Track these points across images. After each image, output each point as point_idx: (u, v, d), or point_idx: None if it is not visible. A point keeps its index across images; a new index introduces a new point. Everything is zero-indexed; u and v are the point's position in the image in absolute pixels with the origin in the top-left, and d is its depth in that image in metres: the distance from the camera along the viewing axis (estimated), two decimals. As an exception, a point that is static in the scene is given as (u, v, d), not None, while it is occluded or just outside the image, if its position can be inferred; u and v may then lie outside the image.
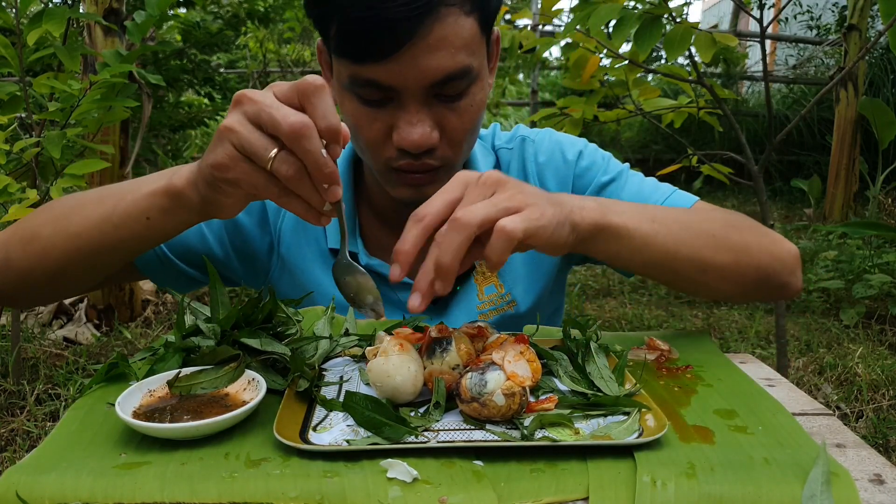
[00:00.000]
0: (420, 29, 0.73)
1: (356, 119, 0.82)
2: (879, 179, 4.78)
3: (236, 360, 0.68)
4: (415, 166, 0.83)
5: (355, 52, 0.76)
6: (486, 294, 1.00)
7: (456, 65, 0.77)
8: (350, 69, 0.78)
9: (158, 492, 0.51)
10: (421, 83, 0.77)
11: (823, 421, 0.66)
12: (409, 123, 0.79)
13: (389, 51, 0.74)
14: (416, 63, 0.75)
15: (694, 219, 0.83)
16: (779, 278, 0.87)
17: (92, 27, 2.69)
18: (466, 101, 0.81)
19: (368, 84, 0.78)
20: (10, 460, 1.85)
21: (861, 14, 4.48)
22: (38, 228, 0.81)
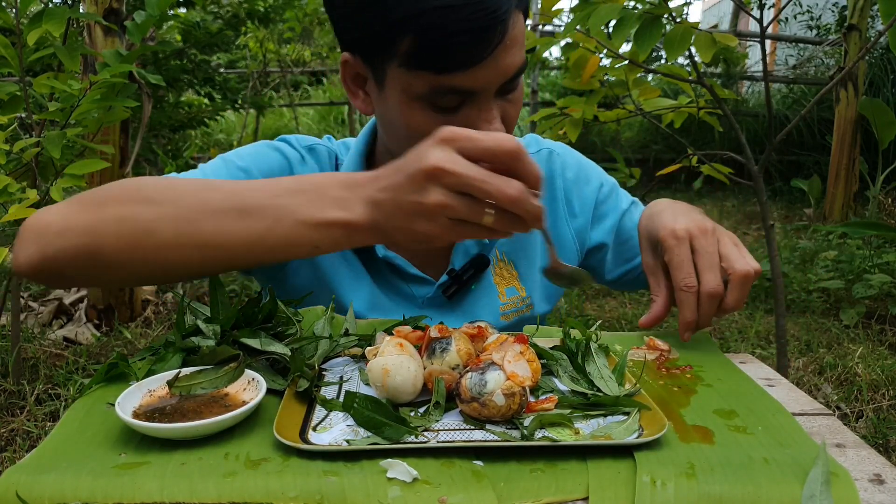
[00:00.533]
0: (505, 32, 0.75)
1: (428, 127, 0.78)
2: (879, 179, 4.78)
3: (236, 360, 0.68)
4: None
5: (441, 64, 0.75)
6: (508, 296, 1.02)
7: (522, 59, 0.81)
8: (430, 80, 0.77)
9: (158, 492, 0.51)
10: (499, 82, 0.79)
11: (823, 421, 0.66)
12: (488, 122, 0.81)
13: (479, 57, 0.75)
14: (498, 64, 0.77)
15: None
16: None
17: (92, 27, 2.69)
18: (518, 91, 0.85)
19: (450, 91, 0.78)
20: (10, 460, 1.85)
21: (861, 14, 4.48)
22: (153, 224, 0.69)
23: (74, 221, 0.71)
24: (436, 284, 0.99)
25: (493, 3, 0.72)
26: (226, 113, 7.10)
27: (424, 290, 0.99)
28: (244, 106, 6.22)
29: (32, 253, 0.72)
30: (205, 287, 3.58)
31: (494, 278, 1.01)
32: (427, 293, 0.99)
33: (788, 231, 4.90)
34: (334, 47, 6.92)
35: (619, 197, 1.09)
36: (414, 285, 0.99)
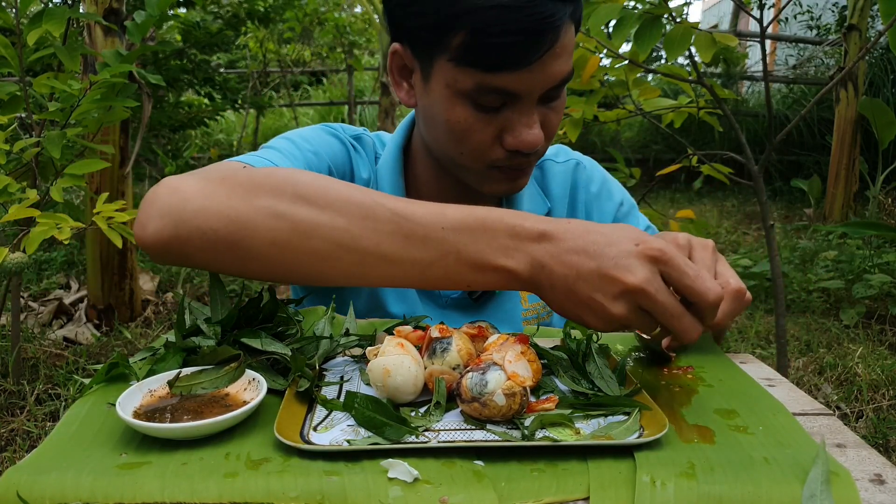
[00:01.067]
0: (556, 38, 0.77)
1: (467, 125, 0.82)
2: (879, 179, 4.78)
3: (237, 360, 0.68)
4: (522, 164, 0.87)
5: (490, 63, 0.76)
6: (531, 302, 1.02)
7: (569, 68, 0.82)
8: (477, 78, 0.78)
9: (159, 492, 0.51)
10: (543, 88, 0.80)
11: (823, 421, 0.66)
12: (528, 126, 0.82)
13: (528, 60, 0.76)
14: (545, 69, 0.78)
15: None
16: None
17: (92, 27, 2.69)
18: (561, 100, 0.86)
19: (495, 91, 0.79)
20: (10, 460, 1.85)
21: (861, 14, 4.48)
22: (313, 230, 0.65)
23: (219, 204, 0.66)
24: None
25: (548, 9, 0.74)
26: (226, 113, 7.10)
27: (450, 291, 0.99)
28: (244, 106, 6.22)
29: (163, 227, 0.66)
30: (205, 287, 3.58)
31: None
32: (452, 293, 0.99)
33: (788, 231, 4.90)
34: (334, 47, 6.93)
35: (635, 218, 1.09)
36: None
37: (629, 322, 0.61)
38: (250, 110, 6.78)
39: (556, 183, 1.06)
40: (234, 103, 5.86)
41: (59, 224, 1.43)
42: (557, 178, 1.06)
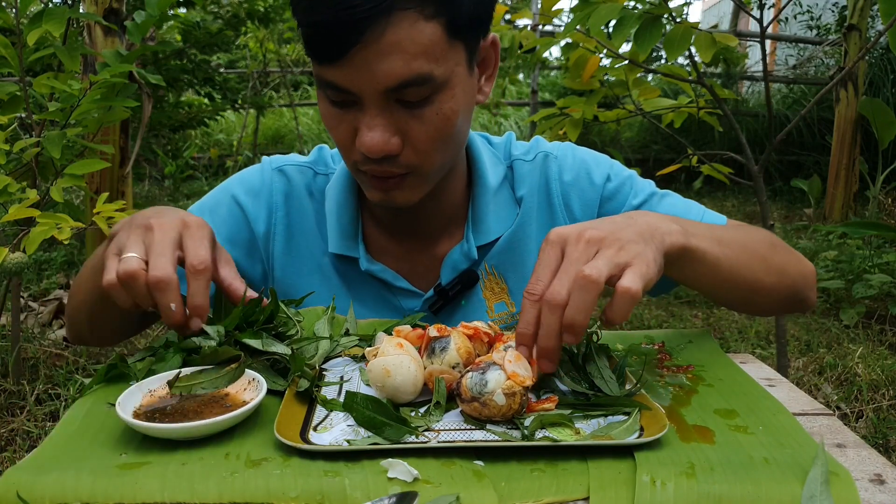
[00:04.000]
0: (369, 32, 0.72)
1: (327, 118, 0.83)
2: (879, 179, 4.78)
3: (237, 360, 0.68)
4: (377, 171, 0.82)
5: (314, 53, 0.77)
6: (497, 312, 0.99)
7: (412, 71, 0.74)
8: (316, 69, 0.79)
9: (159, 492, 0.51)
10: (375, 88, 0.75)
11: (823, 421, 0.66)
12: (367, 127, 0.78)
13: (340, 53, 0.74)
14: (369, 67, 0.74)
15: (746, 240, 0.86)
16: (803, 294, 0.92)
17: (92, 27, 2.69)
18: (432, 109, 0.78)
19: (330, 85, 0.78)
20: (10, 460, 1.85)
21: (861, 14, 4.48)
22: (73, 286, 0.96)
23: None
24: (423, 298, 0.97)
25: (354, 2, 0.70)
26: (226, 113, 7.10)
27: (413, 302, 0.97)
28: (244, 106, 6.22)
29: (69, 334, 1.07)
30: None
31: (484, 293, 0.98)
32: (416, 306, 0.97)
33: (788, 231, 4.90)
34: (334, 47, 6.91)
35: (632, 190, 0.99)
36: (402, 298, 0.97)
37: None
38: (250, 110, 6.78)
39: (526, 183, 1.00)
40: (234, 103, 5.86)
41: (59, 224, 1.43)
42: (527, 178, 1.00)
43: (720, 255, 0.78)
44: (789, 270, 0.89)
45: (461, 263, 0.96)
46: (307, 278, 0.99)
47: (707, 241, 0.77)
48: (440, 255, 0.97)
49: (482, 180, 0.97)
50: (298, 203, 1.00)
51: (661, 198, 1.00)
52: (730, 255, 0.80)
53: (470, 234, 0.96)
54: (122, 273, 0.69)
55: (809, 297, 0.94)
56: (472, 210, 0.97)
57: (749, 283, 0.83)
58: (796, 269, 0.91)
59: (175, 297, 0.69)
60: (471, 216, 0.97)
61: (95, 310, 0.90)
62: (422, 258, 0.98)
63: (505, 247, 0.98)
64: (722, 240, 0.80)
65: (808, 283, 0.93)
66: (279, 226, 0.99)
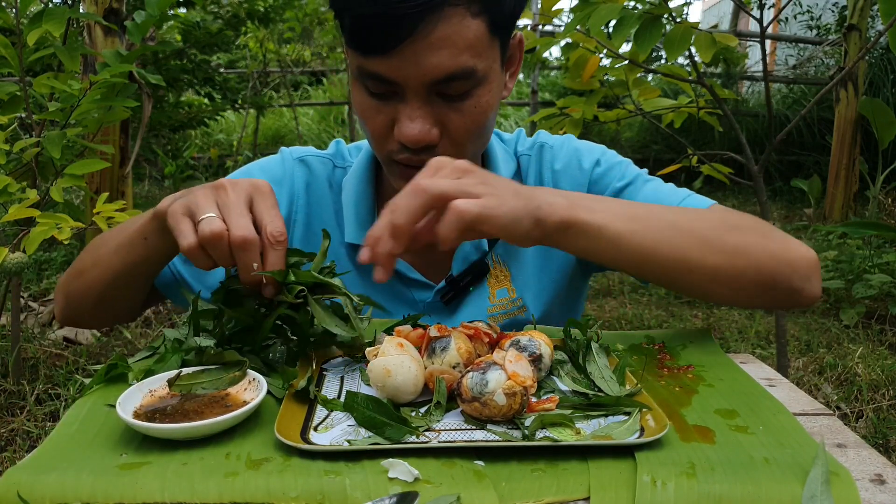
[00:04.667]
0: (421, 27, 0.74)
1: (363, 108, 0.85)
2: (879, 179, 4.78)
3: (239, 365, 0.68)
4: (413, 161, 0.84)
5: (361, 45, 0.78)
6: (498, 297, 1.00)
7: (458, 65, 0.78)
8: (358, 60, 0.80)
9: (159, 492, 0.51)
10: (421, 80, 0.78)
11: (824, 421, 0.66)
12: (409, 118, 0.80)
13: (390, 46, 0.75)
14: (418, 60, 0.76)
15: (685, 218, 0.81)
16: (788, 283, 0.83)
17: (92, 27, 2.69)
18: (471, 103, 0.82)
19: (373, 76, 0.80)
20: (10, 460, 1.85)
21: (861, 14, 4.48)
22: (82, 264, 0.92)
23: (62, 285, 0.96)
24: (435, 289, 0.99)
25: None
26: (226, 113, 7.10)
27: (425, 294, 0.99)
28: (244, 106, 6.22)
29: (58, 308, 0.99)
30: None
31: (489, 280, 1.00)
32: (427, 298, 0.99)
33: (788, 231, 4.89)
34: (334, 47, 6.93)
35: (618, 174, 1.00)
36: (415, 289, 0.99)
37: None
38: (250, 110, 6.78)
39: (528, 175, 1.04)
40: (234, 103, 5.86)
41: (59, 224, 1.43)
42: (531, 170, 1.04)
43: (625, 231, 0.75)
44: (753, 253, 0.81)
45: (472, 255, 0.99)
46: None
47: (609, 217, 0.74)
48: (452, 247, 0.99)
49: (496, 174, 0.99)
50: (319, 193, 1.02)
51: (645, 182, 0.99)
52: (643, 231, 0.76)
53: None
54: (207, 234, 0.68)
55: (802, 287, 0.84)
56: None
57: (675, 261, 0.78)
58: (771, 253, 0.82)
59: (256, 257, 0.69)
60: None
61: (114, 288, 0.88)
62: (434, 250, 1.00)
63: None
64: (637, 216, 0.77)
65: (797, 271, 0.83)
66: (299, 214, 1.01)
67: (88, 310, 0.93)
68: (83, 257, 0.93)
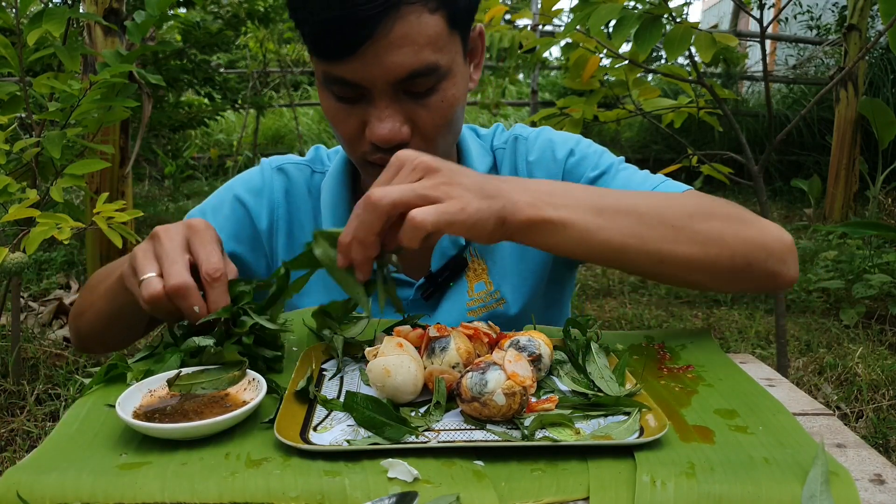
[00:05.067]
0: (380, 27, 0.75)
1: (332, 115, 0.86)
2: (879, 179, 4.78)
3: (238, 365, 0.68)
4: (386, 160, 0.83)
5: (323, 51, 0.79)
6: (476, 291, 1.00)
7: (420, 62, 0.78)
8: (322, 67, 0.81)
9: (159, 492, 0.51)
10: (386, 79, 0.79)
11: (823, 421, 0.66)
12: (379, 119, 0.81)
13: (351, 49, 0.76)
14: (380, 60, 0.77)
15: (655, 207, 0.79)
16: (764, 267, 0.83)
17: (92, 27, 2.69)
18: (437, 98, 0.83)
19: (338, 81, 0.81)
20: (10, 460, 1.85)
21: (861, 14, 4.48)
22: (81, 304, 0.97)
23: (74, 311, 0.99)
24: (415, 286, 0.99)
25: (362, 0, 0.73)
26: (226, 113, 7.10)
27: (405, 292, 0.99)
28: (244, 106, 6.22)
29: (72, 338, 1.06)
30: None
31: (468, 274, 1.01)
32: (408, 296, 0.99)
33: (789, 231, 4.90)
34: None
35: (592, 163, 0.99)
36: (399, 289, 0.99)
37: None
38: (250, 110, 6.78)
39: (504, 168, 1.04)
40: (234, 103, 5.86)
41: (59, 224, 1.43)
42: (506, 163, 1.04)
43: (591, 226, 0.74)
44: (726, 239, 0.80)
45: (450, 250, 0.99)
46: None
47: (577, 212, 0.73)
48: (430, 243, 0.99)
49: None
50: (298, 200, 1.04)
51: (619, 171, 0.99)
52: (610, 226, 0.75)
53: None
54: (147, 297, 0.70)
55: (779, 271, 0.84)
56: None
57: (645, 253, 0.77)
58: (745, 238, 0.82)
59: (196, 300, 0.70)
60: None
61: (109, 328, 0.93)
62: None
63: None
64: (604, 210, 0.76)
65: (773, 253, 0.83)
66: (280, 221, 1.03)
67: (95, 342, 0.98)
68: (82, 296, 0.98)
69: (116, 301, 0.87)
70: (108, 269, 0.95)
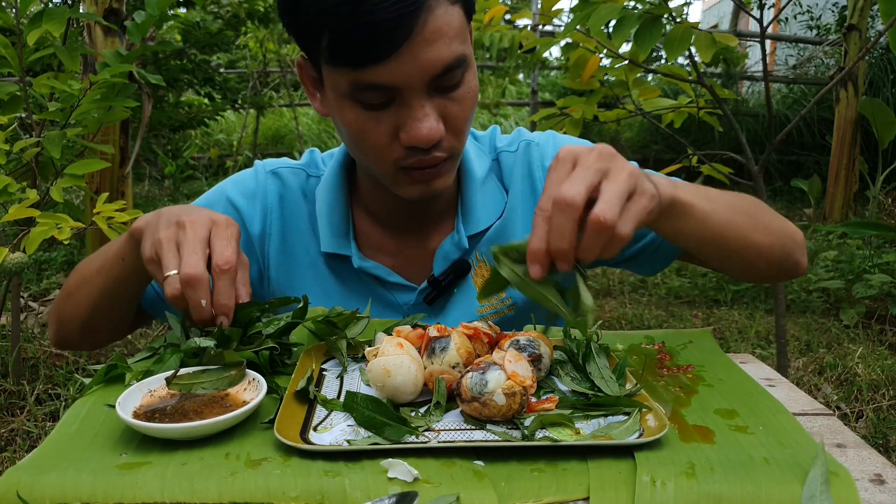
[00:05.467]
0: (415, 24, 0.74)
1: (359, 126, 0.82)
2: (879, 179, 4.77)
3: (238, 365, 0.68)
4: (425, 161, 0.83)
5: (354, 58, 0.76)
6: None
7: (452, 54, 0.78)
8: (349, 76, 0.77)
9: (159, 492, 0.51)
10: (423, 78, 0.77)
11: (823, 421, 0.66)
12: (417, 119, 0.79)
13: (389, 51, 0.74)
14: (416, 58, 0.75)
15: (732, 199, 0.86)
16: (793, 257, 0.92)
17: (92, 27, 2.69)
18: (463, 89, 0.82)
19: (371, 88, 0.77)
20: (10, 460, 1.85)
21: (861, 14, 4.48)
22: (69, 285, 0.94)
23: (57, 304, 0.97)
24: (417, 290, 0.98)
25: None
26: (226, 113, 7.10)
27: (407, 297, 0.98)
28: (244, 106, 6.22)
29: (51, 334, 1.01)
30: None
31: (475, 280, 0.99)
32: (410, 300, 0.98)
33: (788, 231, 4.89)
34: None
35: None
36: (396, 293, 0.98)
37: None
38: (250, 110, 6.78)
39: (513, 172, 1.03)
40: (234, 103, 5.86)
41: (59, 224, 1.43)
42: (513, 168, 1.03)
43: (708, 210, 0.78)
44: (777, 231, 0.89)
45: (453, 254, 0.98)
46: (301, 278, 0.99)
47: (695, 196, 0.77)
48: (432, 247, 0.99)
49: (469, 173, 0.99)
50: (293, 205, 1.02)
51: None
52: (718, 211, 0.80)
53: (460, 225, 0.98)
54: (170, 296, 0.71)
55: (801, 261, 0.94)
56: (462, 202, 0.99)
57: (739, 240, 0.83)
58: (784, 230, 0.91)
59: (205, 294, 0.71)
60: (460, 208, 0.99)
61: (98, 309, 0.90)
62: (415, 252, 1.00)
63: (494, 235, 1.00)
64: (709, 196, 0.81)
65: (798, 245, 0.94)
66: (274, 226, 1.01)
67: (76, 331, 0.95)
68: (71, 278, 0.95)
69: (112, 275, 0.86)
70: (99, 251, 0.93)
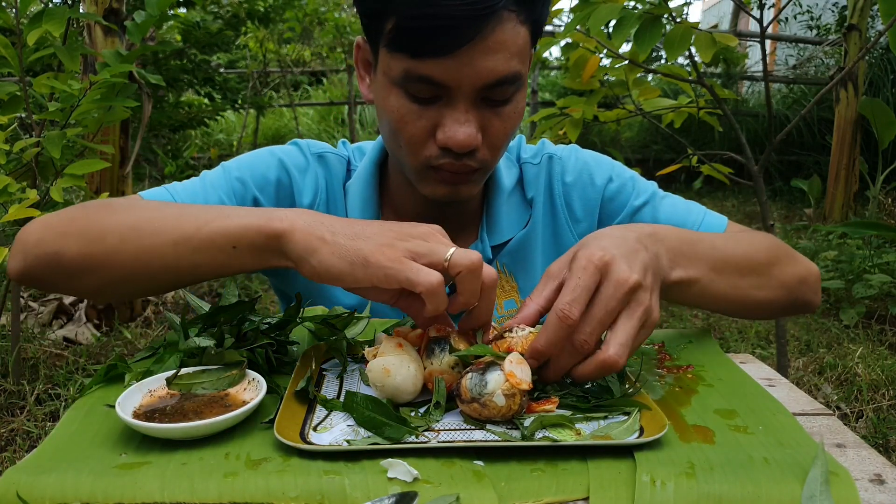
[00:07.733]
0: (482, 29, 0.74)
1: (401, 114, 0.82)
2: (879, 179, 4.77)
3: (238, 365, 0.68)
4: (455, 166, 0.83)
5: (414, 48, 0.76)
6: (506, 308, 0.99)
7: (509, 69, 0.78)
8: (405, 64, 0.78)
9: (159, 492, 0.51)
10: (475, 83, 0.78)
11: (823, 421, 0.66)
12: (457, 122, 0.79)
13: (450, 48, 0.75)
14: (473, 63, 0.76)
15: (744, 257, 0.86)
16: (804, 299, 0.93)
17: (92, 27, 2.69)
18: (511, 107, 0.82)
19: (422, 80, 0.78)
20: (10, 460, 1.85)
21: (861, 14, 4.48)
22: (106, 233, 0.75)
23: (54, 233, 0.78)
24: None
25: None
26: (226, 113, 7.10)
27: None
28: (244, 106, 6.22)
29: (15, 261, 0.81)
30: (204, 287, 3.58)
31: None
32: None
33: (788, 231, 4.90)
34: (334, 47, 6.93)
35: (633, 191, 1.02)
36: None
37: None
38: (250, 110, 6.78)
39: (534, 185, 1.03)
40: (234, 103, 5.86)
41: (59, 224, 1.43)
42: (535, 181, 1.03)
43: (707, 279, 0.80)
44: (788, 281, 0.90)
45: None
46: None
47: (700, 269, 0.79)
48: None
49: (498, 183, 0.99)
50: (334, 193, 1.01)
51: (662, 199, 1.02)
52: (721, 280, 0.81)
53: (484, 235, 0.98)
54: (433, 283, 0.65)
55: (812, 300, 0.94)
56: (487, 211, 0.99)
57: (741, 300, 0.85)
58: (798, 278, 0.91)
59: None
60: (485, 217, 0.99)
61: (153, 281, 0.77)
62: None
63: (517, 247, 1.00)
64: (716, 265, 0.81)
65: (811, 287, 0.94)
66: (320, 208, 0.99)
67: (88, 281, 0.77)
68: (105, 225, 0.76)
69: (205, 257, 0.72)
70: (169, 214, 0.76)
